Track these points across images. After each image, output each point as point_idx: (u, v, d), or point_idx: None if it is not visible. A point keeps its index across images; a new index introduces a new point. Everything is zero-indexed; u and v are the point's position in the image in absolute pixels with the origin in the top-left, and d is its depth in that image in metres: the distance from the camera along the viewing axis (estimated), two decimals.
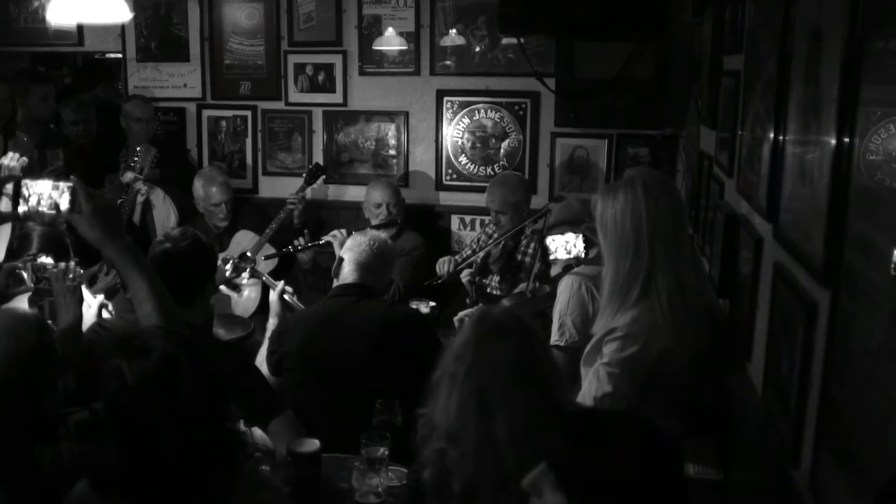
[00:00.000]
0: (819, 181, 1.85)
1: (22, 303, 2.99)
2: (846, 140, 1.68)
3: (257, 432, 2.84)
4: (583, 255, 3.30)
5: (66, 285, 2.90)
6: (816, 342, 1.83)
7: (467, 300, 4.35)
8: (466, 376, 2.09)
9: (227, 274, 4.33)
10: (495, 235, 4.53)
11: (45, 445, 2.09)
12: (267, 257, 4.63)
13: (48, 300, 3.03)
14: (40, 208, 2.26)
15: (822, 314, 1.80)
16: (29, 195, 2.25)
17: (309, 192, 5.11)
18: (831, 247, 1.74)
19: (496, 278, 4.50)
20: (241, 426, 2.36)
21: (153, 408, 1.83)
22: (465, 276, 4.31)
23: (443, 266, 4.38)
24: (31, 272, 3.01)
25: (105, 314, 3.30)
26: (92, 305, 3.20)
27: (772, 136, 2.35)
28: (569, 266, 3.27)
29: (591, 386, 2.57)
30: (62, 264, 2.97)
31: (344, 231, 4.24)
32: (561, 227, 3.46)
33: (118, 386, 1.84)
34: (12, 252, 3.26)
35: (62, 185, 2.23)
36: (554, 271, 3.42)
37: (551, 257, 3.39)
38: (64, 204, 2.23)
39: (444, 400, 2.12)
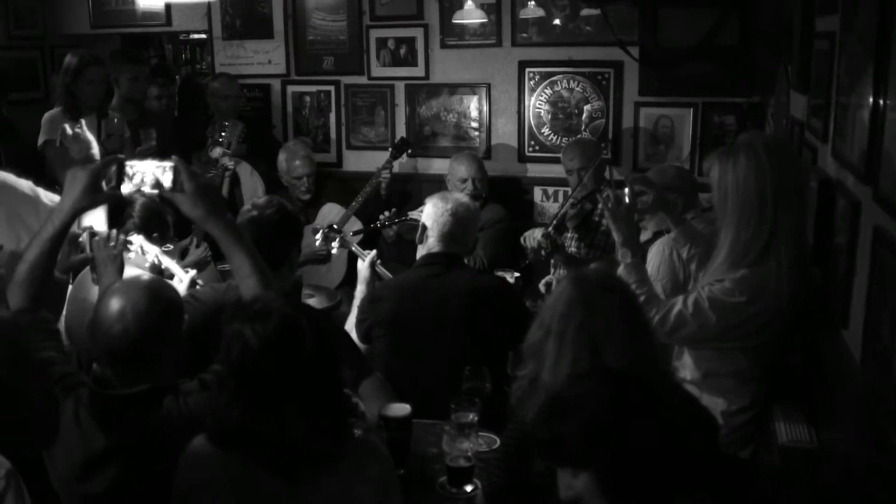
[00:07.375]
0: None
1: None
2: None
3: None
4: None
5: (107, 253, 2.95)
6: None
7: (552, 261, 4.27)
8: (579, 331, 2.12)
9: (318, 244, 4.39)
10: (575, 194, 4.40)
11: (176, 398, 2.17)
12: (355, 233, 4.69)
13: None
14: (143, 187, 2.32)
15: None
16: (133, 175, 2.32)
17: (396, 166, 5.14)
18: None
19: (573, 240, 4.42)
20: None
21: (276, 369, 1.88)
22: (539, 233, 4.15)
23: (529, 239, 4.22)
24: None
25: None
26: (184, 280, 3.27)
27: (871, 96, 2.28)
28: (659, 232, 3.24)
29: (680, 302, 2.61)
30: (104, 232, 3.03)
31: None
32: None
33: (241, 349, 1.90)
34: (113, 217, 3.34)
35: (165, 164, 2.29)
36: (644, 236, 3.38)
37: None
38: (166, 182, 2.29)
39: (553, 359, 2.15)
